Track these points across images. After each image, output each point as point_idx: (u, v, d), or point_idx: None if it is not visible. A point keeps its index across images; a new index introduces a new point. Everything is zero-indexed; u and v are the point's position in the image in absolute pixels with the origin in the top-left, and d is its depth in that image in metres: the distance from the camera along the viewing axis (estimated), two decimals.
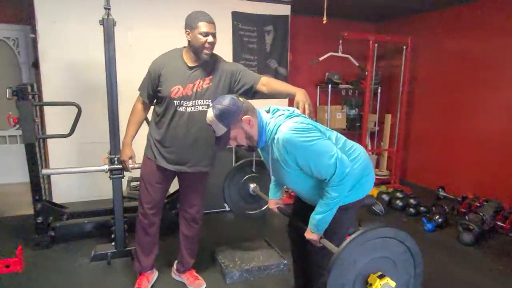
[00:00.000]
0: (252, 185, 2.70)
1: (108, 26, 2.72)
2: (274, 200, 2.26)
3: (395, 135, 5.14)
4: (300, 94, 2.07)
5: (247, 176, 2.71)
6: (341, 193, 1.71)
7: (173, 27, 3.69)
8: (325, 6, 3.39)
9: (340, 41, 4.55)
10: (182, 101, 2.23)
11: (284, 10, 4.76)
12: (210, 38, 2.14)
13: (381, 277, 1.40)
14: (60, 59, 3.96)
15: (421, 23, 5.07)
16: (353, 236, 1.36)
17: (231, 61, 4.51)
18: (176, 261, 2.71)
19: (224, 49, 4.60)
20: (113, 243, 3.01)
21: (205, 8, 2.29)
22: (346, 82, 5.63)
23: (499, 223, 3.58)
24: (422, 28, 5.04)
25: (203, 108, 2.26)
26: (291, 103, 2.19)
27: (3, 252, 2.93)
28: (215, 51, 2.27)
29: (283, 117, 1.79)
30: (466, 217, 3.56)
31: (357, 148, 1.91)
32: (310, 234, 1.81)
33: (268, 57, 4.78)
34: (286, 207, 2.35)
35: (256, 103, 1.96)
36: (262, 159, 2.14)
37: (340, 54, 4.61)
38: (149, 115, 2.48)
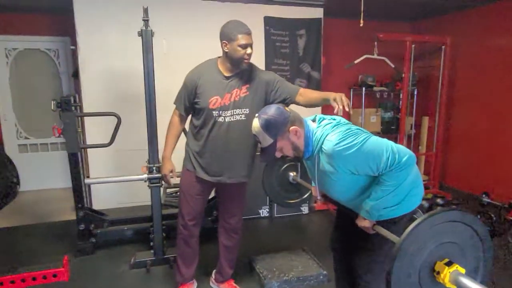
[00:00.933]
0: (292, 174, 2.64)
1: (146, 37, 2.77)
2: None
3: (434, 138, 4.95)
4: (335, 93, 2.03)
5: (286, 165, 2.66)
6: (399, 180, 1.65)
7: (207, 35, 3.72)
8: (362, 9, 3.29)
9: (376, 43, 4.42)
10: (220, 112, 2.22)
11: (317, 13, 4.68)
12: (249, 50, 2.14)
13: (449, 264, 1.30)
14: (99, 70, 4.07)
15: (461, 21, 4.86)
16: (418, 220, 1.27)
17: (263, 66, 4.55)
18: (215, 270, 2.71)
19: (256, 54, 4.51)
20: (152, 251, 3.06)
21: (237, 14, 2.27)
22: (381, 84, 5.48)
23: None
24: (462, 26, 4.83)
25: (241, 117, 2.26)
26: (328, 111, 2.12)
27: (48, 258, 3.04)
28: None
29: (330, 126, 1.74)
30: None
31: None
32: (362, 221, 1.75)
33: (301, 61, 4.72)
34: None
35: (300, 110, 1.92)
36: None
37: (375, 56, 4.49)
38: (187, 125, 2.50)
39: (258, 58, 4.51)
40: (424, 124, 5.36)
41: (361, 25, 3.32)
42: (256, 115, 1.77)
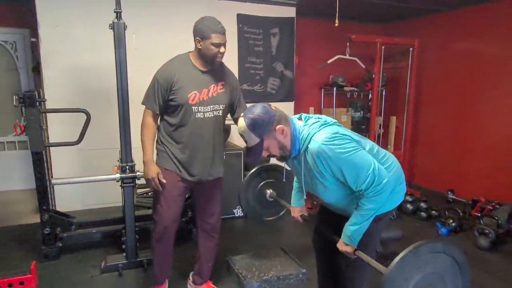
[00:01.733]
0: (269, 191, 2.64)
1: (118, 30, 2.62)
2: (298, 208, 2.18)
3: (402, 138, 5.10)
4: None
5: (263, 182, 2.65)
6: (378, 204, 1.64)
7: (178, 32, 3.61)
8: (337, 9, 3.32)
9: (348, 44, 4.49)
10: (199, 107, 2.18)
11: (290, 12, 4.69)
12: (222, 49, 2.13)
13: None
14: (64, 64, 3.84)
15: (428, 25, 5.06)
16: (403, 253, 1.30)
17: (236, 64, 4.49)
18: (192, 272, 2.63)
19: (229, 52, 4.47)
20: (124, 254, 2.91)
21: (210, 11, 2.25)
22: (351, 84, 5.59)
23: None
24: (428, 29, 5.03)
25: (218, 113, 2.26)
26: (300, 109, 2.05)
27: (10, 265, 2.82)
28: None
29: (317, 125, 1.71)
30: (481, 221, 3.52)
31: (390, 157, 1.85)
32: (344, 246, 1.74)
33: (274, 60, 4.71)
34: (310, 216, 2.28)
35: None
36: (284, 167, 2.07)
37: (347, 56, 4.55)
38: None
39: (231, 56, 4.44)
40: (392, 123, 5.51)
41: (336, 25, 3.33)
42: (242, 114, 1.72)
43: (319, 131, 1.67)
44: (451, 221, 3.63)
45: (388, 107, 5.55)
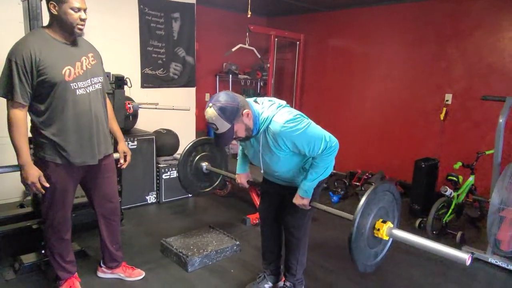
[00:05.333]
0: (205, 164, 2.82)
1: None
2: (244, 174, 2.41)
3: None
4: (126, 147, 2.33)
5: (199, 156, 2.82)
6: (328, 162, 2.01)
7: None
8: (249, 2, 3.56)
9: (247, 34, 4.79)
10: (78, 83, 1.99)
11: None
12: (83, 15, 1.94)
13: (383, 222, 1.76)
14: None
15: (311, 22, 5.73)
16: (368, 192, 1.69)
17: (138, 47, 4.34)
18: (102, 260, 2.54)
19: (131, 34, 4.33)
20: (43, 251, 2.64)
21: None
22: (243, 72, 5.95)
23: None
24: (312, 26, 5.70)
25: (98, 86, 2.11)
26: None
27: None
28: (121, 35, 2.12)
29: (275, 107, 1.96)
30: (362, 188, 4.31)
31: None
32: (301, 200, 2.05)
33: (176, 45, 4.69)
34: (255, 180, 2.53)
35: None
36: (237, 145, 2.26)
37: (247, 46, 4.87)
38: None
39: (132, 38, 4.28)
40: None
41: (249, 16, 3.58)
42: (210, 104, 1.82)
43: (278, 112, 1.93)
44: (340, 190, 4.34)
45: (277, 94, 6.11)
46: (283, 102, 2.05)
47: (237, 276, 2.65)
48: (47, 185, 2.01)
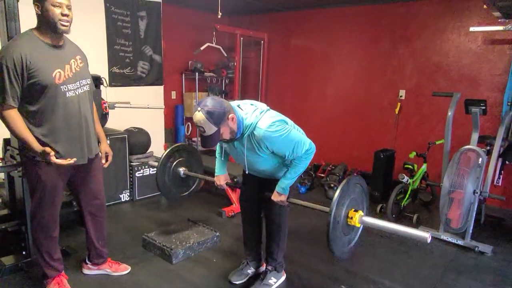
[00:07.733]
0: (182, 169, 2.89)
1: None
2: (222, 176, 2.55)
3: None
4: (108, 147, 2.42)
5: (176, 161, 2.89)
6: (306, 163, 2.22)
7: None
8: (219, 2, 3.69)
9: (214, 33, 4.91)
10: (68, 85, 2.05)
11: None
12: (66, 10, 1.97)
13: (355, 211, 1.99)
14: None
15: (273, 21, 5.93)
16: (343, 183, 1.91)
17: (105, 46, 4.33)
18: (87, 257, 2.62)
19: (97, 33, 4.29)
20: (24, 252, 2.63)
21: None
22: (209, 70, 6.06)
23: None
24: (274, 26, 5.91)
25: (86, 88, 2.18)
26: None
27: None
28: (88, 33, 2.15)
29: (258, 112, 2.12)
30: (327, 179, 4.60)
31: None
32: (278, 197, 2.24)
33: (143, 44, 4.70)
34: (233, 182, 2.68)
35: None
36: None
37: (214, 45, 4.98)
38: None
39: (99, 37, 4.25)
40: None
41: (219, 16, 3.72)
42: (199, 108, 1.94)
43: (261, 118, 2.09)
44: (306, 181, 4.61)
45: (242, 91, 6.27)
46: (265, 106, 2.21)
47: (220, 265, 2.81)
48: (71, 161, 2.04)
